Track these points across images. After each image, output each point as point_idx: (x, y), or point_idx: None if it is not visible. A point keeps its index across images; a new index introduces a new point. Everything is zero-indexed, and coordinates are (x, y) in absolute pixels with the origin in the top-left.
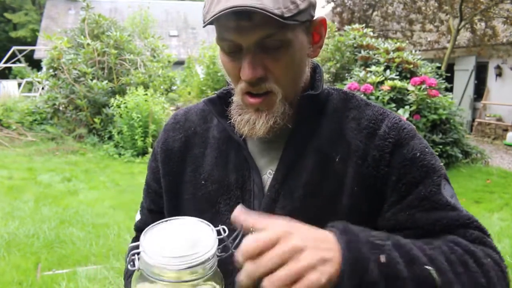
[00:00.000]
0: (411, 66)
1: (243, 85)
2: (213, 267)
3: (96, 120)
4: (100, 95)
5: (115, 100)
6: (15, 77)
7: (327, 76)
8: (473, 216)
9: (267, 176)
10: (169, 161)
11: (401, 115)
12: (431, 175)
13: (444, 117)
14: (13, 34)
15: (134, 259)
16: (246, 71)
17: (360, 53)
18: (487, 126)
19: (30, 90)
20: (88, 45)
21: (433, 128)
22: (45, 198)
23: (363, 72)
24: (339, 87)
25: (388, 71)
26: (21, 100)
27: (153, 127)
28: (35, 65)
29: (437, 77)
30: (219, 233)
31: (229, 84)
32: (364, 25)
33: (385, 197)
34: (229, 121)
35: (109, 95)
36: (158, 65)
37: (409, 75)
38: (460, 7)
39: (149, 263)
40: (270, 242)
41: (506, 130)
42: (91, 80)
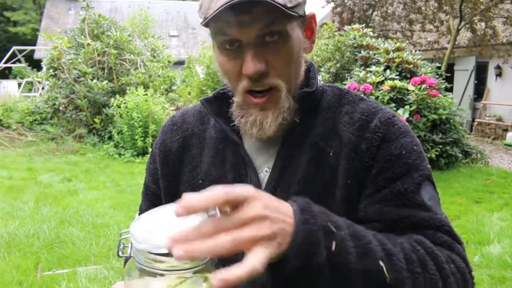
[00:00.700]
0: (411, 66)
1: (245, 83)
2: (204, 260)
3: (96, 120)
4: (100, 95)
5: (115, 100)
6: (15, 77)
7: (327, 76)
8: (447, 221)
9: (264, 174)
10: (167, 162)
11: (401, 116)
12: (412, 173)
13: (444, 117)
14: (13, 30)
15: (126, 246)
16: (249, 65)
17: (360, 53)
18: (487, 126)
19: (30, 90)
20: (88, 45)
21: (433, 128)
22: (45, 198)
23: (363, 72)
24: (332, 84)
25: (388, 71)
26: (21, 100)
27: (153, 127)
28: (35, 65)
29: (437, 77)
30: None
31: (225, 84)
32: (364, 25)
33: (364, 188)
34: (226, 120)
35: (109, 95)
36: (158, 65)
37: (409, 75)
38: (460, 7)
39: (139, 249)
40: (237, 199)
41: (506, 130)
42: (91, 80)
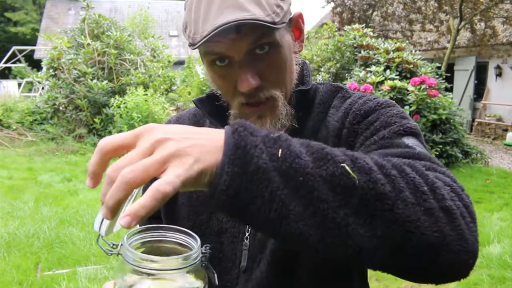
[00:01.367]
0: (411, 66)
1: (241, 98)
2: (194, 261)
3: (96, 120)
4: (100, 95)
5: (115, 100)
6: (15, 77)
7: (327, 76)
8: (435, 158)
9: None
10: None
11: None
12: (393, 126)
13: (444, 117)
14: (13, 30)
15: (114, 244)
16: (244, 83)
17: (360, 53)
18: (487, 126)
19: (30, 90)
20: (88, 45)
21: (433, 128)
22: (45, 198)
23: (363, 72)
24: (330, 82)
25: (388, 71)
26: (21, 100)
27: None
28: (35, 65)
29: (437, 77)
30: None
31: None
32: (364, 25)
33: None
34: (220, 119)
35: (109, 95)
36: (158, 65)
37: (409, 75)
38: (460, 7)
39: (127, 248)
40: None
41: (506, 130)
42: (91, 80)
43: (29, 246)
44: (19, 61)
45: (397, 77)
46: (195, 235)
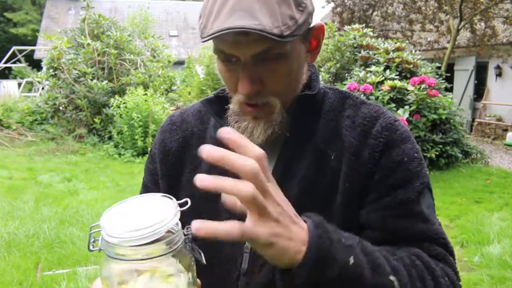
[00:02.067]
0: (411, 66)
1: (240, 97)
2: (177, 244)
3: (96, 120)
4: (100, 95)
5: (115, 100)
6: (15, 77)
7: (327, 76)
8: (442, 231)
9: None
10: (166, 162)
11: (401, 116)
12: (413, 181)
13: (444, 117)
14: (13, 30)
15: (95, 239)
16: (243, 85)
17: (360, 53)
18: (487, 126)
19: (30, 90)
20: (88, 45)
21: (433, 128)
22: (45, 198)
23: (363, 72)
24: (336, 87)
25: (388, 71)
26: (21, 100)
27: (153, 127)
28: (35, 65)
29: (437, 77)
30: (182, 205)
31: None
32: (364, 25)
33: (366, 194)
34: (227, 120)
35: (109, 95)
36: (158, 65)
37: (409, 75)
38: (460, 7)
39: (107, 241)
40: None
41: (506, 130)
42: (91, 80)
43: (29, 246)
44: (19, 61)
45: (397, 77)
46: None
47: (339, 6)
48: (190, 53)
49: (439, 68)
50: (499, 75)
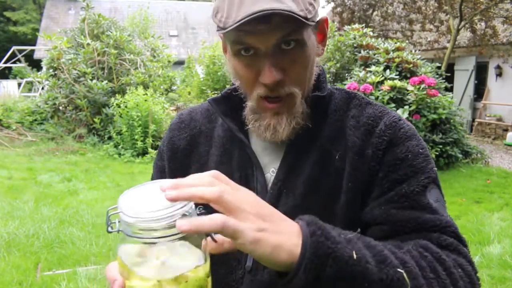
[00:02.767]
0: (411, 65)
1: (262, 91)
2: None
3: (96, 120)
4: (100, 95)
5: (115, 100)
6: (15, 77)
7: (327, 76)
8: (453, 223)
9: (270, 174)
10: (174, 160)
11: (400, 115)
12: (418, 176)
13: (444, 117)
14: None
15: (113, 222)
16: (268, 74)
17: (360, 53)
18: (487, 126)
19: (30, 90)
20: (88, 45)
21: (433, 128)
22: (45, 198)
23: (363, 72)
24: (343, 87)
25: (388, 71)
26: (21, 100)
27: (153, 127)
28: (35, 65)
29: (437, 77)
30: None
31: (233, 83)
32: (364, 25)
33: (370, 192)
34: (233, 120)
35: (109, 95)
36: (158, 65)
37: (409, 75)
38: (460, 7)
39: (128, 222)
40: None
41: (506, 130)
42: (91, 80)
43: (29, 246)
44: (19, 61)
45: (397, 77)
46: None
47: (339, 6)
48: (190, 53)
49: (439, 68)
50: (499, 75)
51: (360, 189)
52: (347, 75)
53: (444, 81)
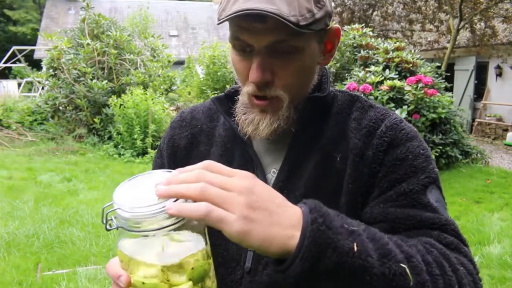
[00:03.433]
0: (411, 65)
1: (250, 88)
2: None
3: (96, 120)
4: (100, 95)
5: (112, 100)
6: (15, 77)
7: None
8: (453, 222)
9: (271, 175)
10: (175, 158)
11: (400, 115)
12: (418, 175)
13: (443, 116)
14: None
15: (110, 219)
16: (254, 72)
17: (359, 53)
18: (487, 126)
19: (30, 90)
20: (88, 45)
21: (433, 128)
22: (45, 198)
23: (363, 72)
24: (344, 89)
25: (387, 71)
26: (21, 100)
27: (152, 127)
28: (35, 65)
29: (437, 76)
30: None
31: (236, 82)
32: (364, 25)
33: (371, 193)
34: (234, 119)
35: (109, 95)
36: (158, 65)
37: (408, 75)
38: (460, 7)
39: (125, 217)
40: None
41: (506, 130)
42: (91, 80)
43: (29, 246)
44: (19, 61)
45: (396, 77)
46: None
47: (339, 6)
48: (190, 53)
49: (439, 67)
50: (499, 75)
51: (360, 190)
52: (347, 75)
53: (444, 81)
